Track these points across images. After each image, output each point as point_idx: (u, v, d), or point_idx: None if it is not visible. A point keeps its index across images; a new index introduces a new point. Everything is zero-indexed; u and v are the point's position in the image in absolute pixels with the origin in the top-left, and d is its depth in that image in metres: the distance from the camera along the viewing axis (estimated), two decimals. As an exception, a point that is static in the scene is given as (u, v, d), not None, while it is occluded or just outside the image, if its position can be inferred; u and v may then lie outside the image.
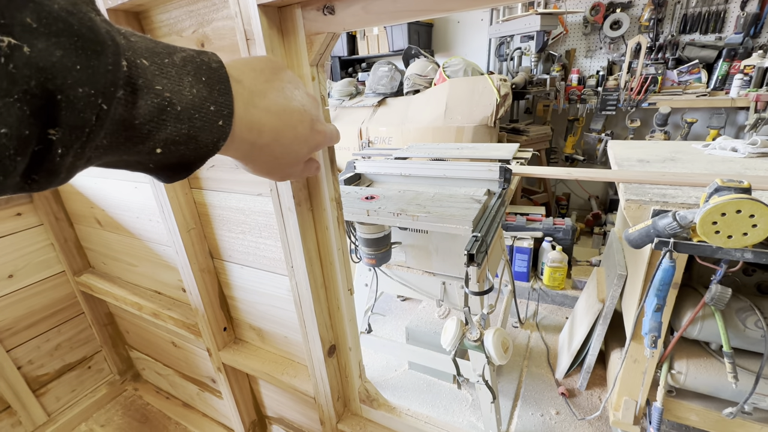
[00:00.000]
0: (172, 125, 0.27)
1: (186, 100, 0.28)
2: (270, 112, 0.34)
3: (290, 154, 0.38)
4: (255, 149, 0.35)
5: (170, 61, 0.27)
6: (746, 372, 1.25)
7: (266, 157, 0.37)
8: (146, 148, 0.27)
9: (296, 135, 0.38)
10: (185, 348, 1.07)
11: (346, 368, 0.70)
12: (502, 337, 1.37)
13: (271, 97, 0.35)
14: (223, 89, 0.30)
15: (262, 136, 0.34)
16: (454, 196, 1.54)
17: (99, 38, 0.23)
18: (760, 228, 0.97)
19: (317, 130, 0.41)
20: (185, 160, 0.30)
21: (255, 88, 0.34)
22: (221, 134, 0.31)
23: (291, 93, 0.37)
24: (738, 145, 1.60)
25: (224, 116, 0.30)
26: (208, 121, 0.29)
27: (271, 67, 0.37)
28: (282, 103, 0.36)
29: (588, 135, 3.09)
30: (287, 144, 0.37)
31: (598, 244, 2.91)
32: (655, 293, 1.21)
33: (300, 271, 0.60)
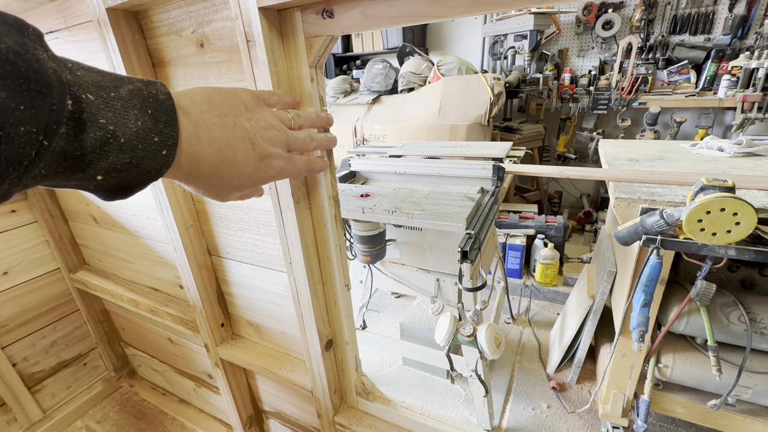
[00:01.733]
0: (114, 155, 0.28)
1: (130, 132, 0.29)
2: (212, 146, 0.35)
3: (229, 187, 0.40)
4: (192, 177, 0.36)
5: (116, 95, 0.28)
6: (730, 365, 1.30)
7: (204, 185, 0.38)
8: (86, 176, 0.28)
9: (237, 170, 0.38)
10: (182, 344, 1.08)
11: (342, 362, 0.72)
12: (495, 332, 1.39)
13: (216, 132, 0.36)
14: (169, 121, 0.31)
15: (200, 168, 0.36)
16: (448, 193, 1.56)
17: (45, 79, 0.24)
18: (743, 226, 1.01)
19: (269, 166, 0.41)
20: (126, 183, 0.31)
21: (202, 122, 0.35)
22: (164, 162, 0.32)
23: (242, 129, 0.38)
24: (724, 144, 1.64)
25: (168, 146, 0.31)
26: (151, 151, 0.30)
27: (230, 102, 0.38)
28: (226, 139, 0.37)
29: (580, 134, 3.13)
30: (226, 178, 0.38)
31: (589, 242, 2.96)
32: (643, 289, 1.25)
33: (298, 267, 0.61)
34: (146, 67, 0.67)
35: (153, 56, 0.67)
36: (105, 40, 0.63)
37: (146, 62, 0.67)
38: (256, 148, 0.39)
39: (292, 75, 0.52)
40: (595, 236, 2.91)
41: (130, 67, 0.64)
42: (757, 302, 1.27)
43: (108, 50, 0.64)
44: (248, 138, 0.38)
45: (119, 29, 0.62)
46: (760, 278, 1.36)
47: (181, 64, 0.64)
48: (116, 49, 0.62)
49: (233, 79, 0.59)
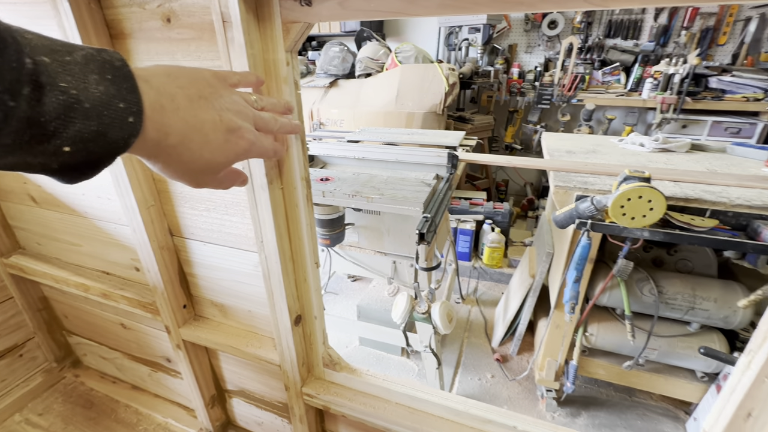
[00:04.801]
0: (80, 122, 0.27)
1: (94, 97, 0.28)
2: (177, 115, 0.34)
3: (200, 161, 0.38)
4: (161, 151, 0.35)
5: (72, 59, 0.27)
6: (641, 331, 1.51)
7: (174, 161, 0.36)
8: (52, 147, 0.27)
9: (206, 141, 0.37)
10: (136, 329, 1.04)
11: (311, 336, 0.76)
12: (447, 309, 1.50)
13: (180, 101, 0.35)
14: (131, 87, 0.30)
15: (168, 137, 0.34)
16: (406, 179, 1.62)
17: (0, 35, 0.23)
18: (656, 211, 1.18)
19: (240, 138, 0.40)
20: (93, 157, 0.30)
21: (164, 90, 0.34)
22: (132, 131, 0.31)
23: (207, 101, 0.37)
24: (645, 141, 1.87)
25: (134, 113, 0.30)
26: (117, 118, 0.29)
27: (191, 76, 0.37)
28: (191, 108, 0.36)
29: (526, 126, 3.35)
30: (196, 149, 0.37)
31: (531, 227, 3.21)
32: (575, 266, 1.41)
33: (270, 245, 0.64)
34: (103, 37, 0.64)
35: (111, 27, 0.64)
36: (57, 6, 0.59)
37: (103, 33, 0.63)
38: (224, 120, 0.38)
39: (268, 58, 0.53)
40: (536, 222, 3.16)
41: (86, 36, 0.61)
42: (665, 277, 1.49)
43: (60, 17, 0.60)
44: (214, 109, 0.38)
45: (74, -4, 0.59)
46: (668, 257, 1.59)
47: (144, 38, 0.62)
48: (71, 16, 0.59)
49: (203, 58, 0.59)
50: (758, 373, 0.46)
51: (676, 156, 1.78)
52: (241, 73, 0.45)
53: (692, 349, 1.50)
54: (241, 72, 0.44)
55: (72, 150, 0.28)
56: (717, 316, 1.43)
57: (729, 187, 1.39)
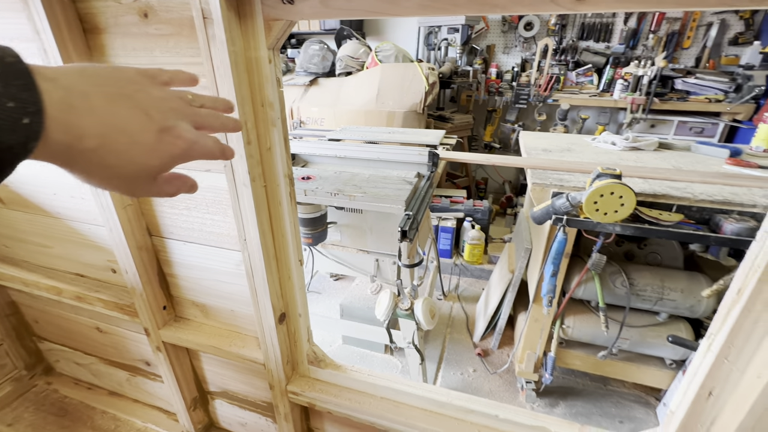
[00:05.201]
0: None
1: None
2: (93, 115, 0.31)
3: (131, 165, 0.34)
4: (78, 156, 0.31)
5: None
6: (614, 322, 1.58)
7: (97, 167, 0.32)
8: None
9: (134, 142, 0.33)
10: (113, 332, 1.01)
11: (295, 333, 0.76)
12: (430, 305, 1.52)
13: (96, 100, 0.31)
14: (24, 85, 0.27)
15: (83, 140, 0.30)
16: (387, 177, 1.64)
17: None
18: (626, 206, 1.23)
19: (177, 137, 0.36)
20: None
21: (74, 88, 0.30)
22: (29, 134, 0.27)
23: (131, 99, 0.34)
24: (616, 140, 1.94)
25: (30, 114, 0.27)
26: (7, 120, 0.26)
27: (110, 74, 0.33)
28: (110, 108, 0.32)
29: (504, 125, 3.42)
30: (123, 153, 0.32)
31: (510, 224, 3.28)
32: (552, 261, 1.46)
33: (253, 244, 0.63)
34: (76, 32, 0.62)
35: (84, 21, 0.62)
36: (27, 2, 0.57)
37: (76, 27, 0.61)
38: (154, 118, 0.34)
39: (250, 56, 0.53)
40: (515, 219, 3.23)
41: (57, 31, 0.59)
42: (636, 270, 1.56)
43: (30, 10, 0.58)
44: (140, 108, 0.34)
45: (44, -12, 0.57)
46: (638, 251, 1.66)
47: (120, 33, 0.61)
48: (41, 9, 0.57)
49: (182, 54, 0.58)
50: (718, 354, 0.50)
51: (645, 154, 1.86)
52: (172, 71, 0.40)
53: (661, 337, 1.57)
54: (172, 70, 0.40)
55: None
56: (683, 305, 1.51)
57: (693, 183, 1.47)
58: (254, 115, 0.57)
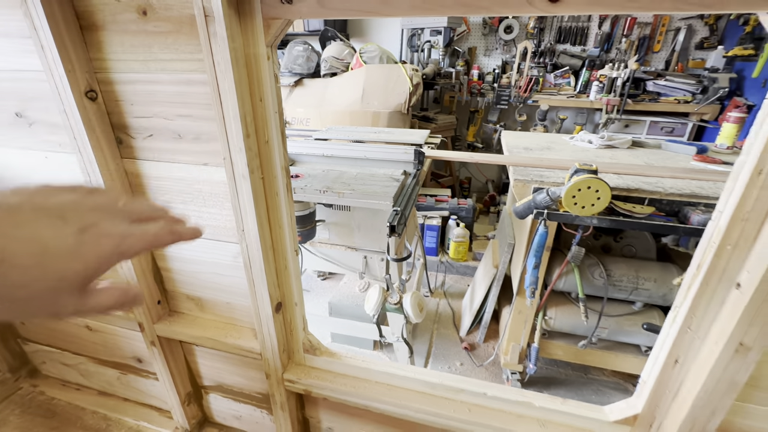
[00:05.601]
0: None
1: None
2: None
3: (45, 279, 0.27)
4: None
5: None
6: (593, 312, 1.65)
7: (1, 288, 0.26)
8: None
9: (45, 250, 0.27)
10: (104, 330, 1.01)
11: (291, 322, 0.78)
12: (418, 299, 1.56)
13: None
14: None
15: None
16: (374, 175, 1.67)
17: None
18: (602, 200, 1.30)
19: (102, 235, 0.30)
20: None
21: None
22: None
23: (35, 205, 0.29)
24: (592, 138, 2.03)
25: None
26: None
27: (7, 189, 0.29)
28: (7, 217, 0.27)
29: (486, 125, 3.51)
30: (31, 265, 0.26)
31: (493, 221, 3.36)
32: (534, 253, 1.52)
33: (251, 234, 0.66)
34: (73, 29, 0.63)
35: (81, 18, 0.63)
36: (24, -4, 0.58)
37: (73, 24, 0.63)
38: (70, 221, 0.29)
39: (249, 52, 0.56)
40: (498, 217, 3.31)
41: (55, 27, 0.60)
42: (613, 262, 1.64)
43: (28, 6, 0.59)
44: (49, 212, 0.28)
45: (42, -15, 0.58)
46: (615, 243, 1.75)
47: (118, 30, 0.62)
48: (40, 8, 0.58)
49: (181, 51, 0.60)
50: (682, 324, 0.55)
51: (619, 152, 1.95)
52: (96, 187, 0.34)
53: (637, 325, 1.66)
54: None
55: None
56: (657, 294, 1.59)
57: (663, 178, 1.56)
58: (253, 109, 0.59)
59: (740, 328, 0.49)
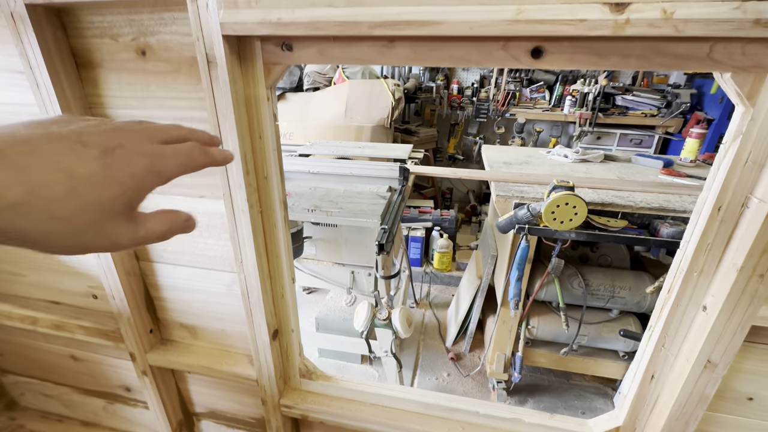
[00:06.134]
0: None
1: None
2: (3, 156, 0.24)
3: (84, 208, 0.27)
4: (12, 219, 0.24)
5: None
6: (573, 320, 1.72)
7: (43, 224, 0.25)
8: None
9: (72, 176, 0.26)
10: (90, 359, 0.99)
11: (288, 348, 0.79)
12: (406, 314, 1.59)
13: (3, 143, 0.25)
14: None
15: (3, 196, 0.23)
16: (361, 192, 1.70)
17: None
18: (579, 215, 1.37)
19: (132, 155, 0.29)
20: None
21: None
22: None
23: (53, 133, 0.27)
24: (568, 153, 2.13)
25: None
26: None
27: (17, 122, 0.27)
28: (26, 146, 0.25)
29: (466, 138, 3.60)
30: (64, 195, 0.26)
31: (475, 231, 3.44)
32: (517, 266, 1.58)
33: (250, 265, 0.67)
34: (69, 66, 0.63)
35: (78, 56, 0.64)
36: (20, 35, 0.58)
37: (69, 61, 0.63)
38: (91, 145, 0.28)
39: (249, 94, 0.58)
40: (479, 226, 3.39)
41: (51, 65, 0.61)
42: (590, 272, 1.71)
43: (23, 46, 0.59)
44: (69, 139, 0.27)
45: (39, 25, 0.58)
46: (591, 254, 1.83)
47: (115, 68, 0.63)
48: (36, 46, 0.58)
49: (180, 89, 0.62)
50: (656, 343, 0.60)
51: (593, 166, 2.05)
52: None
53: (614, 332, 1.74)
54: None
55: None
56: (632, 302, 1.68)
57: (634, 192, 1.65)
58: (252, 147, 0.61)
59: (708, 347, 0.54)
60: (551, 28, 0.43)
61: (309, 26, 0.48)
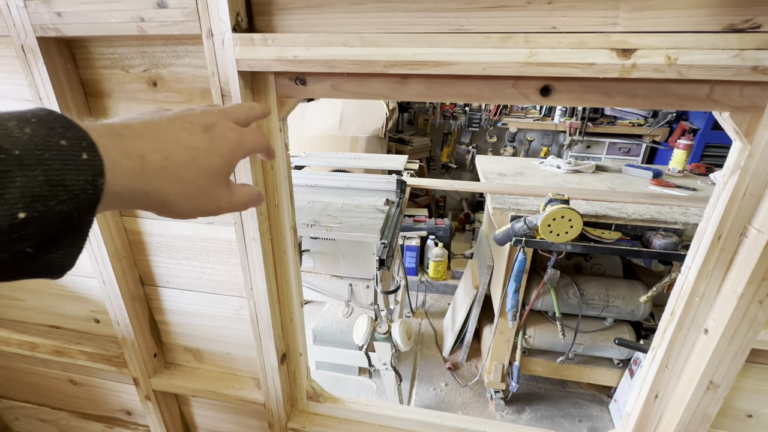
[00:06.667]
0: (18, 174, 0.22)
1: (21, 142, 0.22)
2: (141, 134, 0.30)
3: (203, 172, 0.33)
4: (152, 180, 0.29)
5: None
6: (569, 329, 1.75)
7: (175, 185, 0.31)
8: (2, 219, 0.21)
9: (190, 147, 0.32)
10: (89, 384, 0.97)
11: (295, 372, 0.80)
12: (406, 327, 1.60)
13: (136, 123, 0.31)
14: (67, 124, 0.25)
15: (148, 159, 0.29)
16: (360, 206, 1.71)
17: None
18: (575, 228, 1.40)
19: (224, 131, 0.36)
20: (66, 218, 0.24)
21: (114, 121, 0.30)
22: (95, 169, 0.25)
23: (164, 116, 0.33)
24: (561, 163, 2.17)
25: (86, 148, 0.25)
26: (68, 160, 0.24)
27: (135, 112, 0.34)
28: (153, 125, 0.31)
29: (459, 147, 3.64)
30: (189, 160, 0.32)
31: (469, 239, 3.47)
32: (514, 278, 1.60)
33: (260, 292, 0.67)
34: (78, 96, 0.63)
35: (87, 86, 0.64)
36: (30, 66, 0.58)
37: (78, 92, 0.63)
38: (193, 122, 0.34)
39: (262, 125, 0.59)
40: (473, 234, 3.42)
41: (61, 95, 0.60)
42: (585, 281, 1.75)
43: (33, 77, 0.59)
44: (178, 120, 0.33)
45: (50, 57, 0.58)
46: (585, 263, 1.86)
47: (125, 98, 0.63)
48: (46, 77, 0.58)
49: (191, 120, 0.62)
50: (660, 363, 0.62)
51: (585, 176, 2.10)
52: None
53: (609, 340, 1.77)
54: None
55: (30, 215, 0.22)
56: (626, 310, 1.71)
57: (626, 203, 1.69)
58: (264, 177, 0.62)
59: (710, 369, 0.56)
60: (561, 71, 0.45)
61: (324, 64, 0.49)
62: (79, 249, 0.27)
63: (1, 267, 0.23)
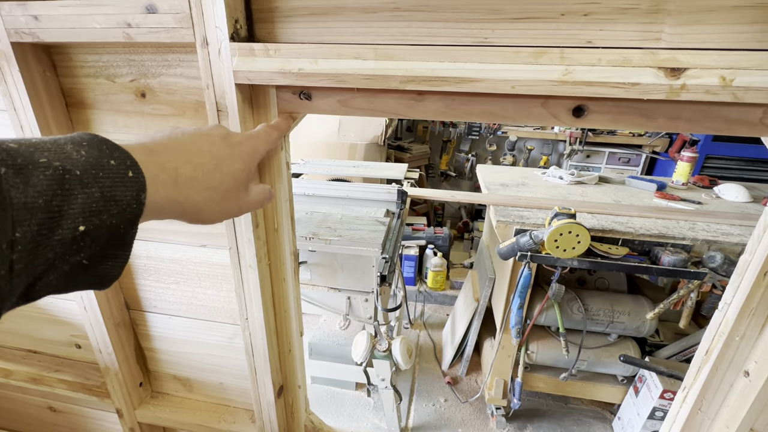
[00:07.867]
0: (80, 191, 0.25)
1: (80, 163, 0.26)
2: (171, 148, 0.34)
3: (226, 177, 0.38)
4: (185, 190, 0.33)
5: (39, 141, 0.25)
6: (573, 345, 1.70)
7: (205, 192, 0.35)
8: (66, 232, 0.24)
9: (213, 155, 0.37)
10: (70, 411, 0.90)
11: (293, 405, 0.74)
12: (407, 344, 1.54)
13: (163, 139, 0.35)
14: (112, 146, 0.29)
15: (180, 171, 0.33)
16: (360, 218, 1.65)
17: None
18: (582, 243, 1.36)
19: (240, 140, 0.41)
20: (114, 230, 0.27)
21: (144, 140, 0.34)
22: (138, 185, 0.29)
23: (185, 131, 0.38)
24: (563, 174, 2.14)
25: (130, 167, 0.29)
26: (118, 177, 0.27)
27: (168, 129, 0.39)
28: (179, 140, 0.36)
29: (458, 155, 3.61)
30: (214, 168, 0.36)
31: (468, 248, 3.42)
32: (519, 294, 1.55)
33: (256, 322, 0.62)
34: (58, 106, 0.57)
35: (68, 95, 0.58)
36: (3, 74, 0.52)
37: (58, 102, 0.57)
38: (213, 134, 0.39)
39: (261, 142, 0.53)
40: (472, 243, 3.38)
41: (38, 105, 0.55)
42: (589, 296, 1.70)
43: (7, 85, 0.53)
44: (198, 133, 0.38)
45: (26, 64, 0.53)
46: (589, 276, 1.82)
47: (111, 109, 0.58)
48: (22, 85, 0.53)
49: (183, 134, 0.57)
50: (692, 406, 0.57)
51: (588, 188, 2.06)
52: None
53: (613, 357, 1.72)
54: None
55: (88, 228, 0.25)
56: (631, 326, 1.67)
57: (632, 217, 1.65)
58: (262, 198, 0.56)
59: (751, 415, 0.51)
60: (599, 90, 0.40)
61: (333, 78, 0.44)
62: (125, 259, 0.30)
63: (60, 279, 0.26)
